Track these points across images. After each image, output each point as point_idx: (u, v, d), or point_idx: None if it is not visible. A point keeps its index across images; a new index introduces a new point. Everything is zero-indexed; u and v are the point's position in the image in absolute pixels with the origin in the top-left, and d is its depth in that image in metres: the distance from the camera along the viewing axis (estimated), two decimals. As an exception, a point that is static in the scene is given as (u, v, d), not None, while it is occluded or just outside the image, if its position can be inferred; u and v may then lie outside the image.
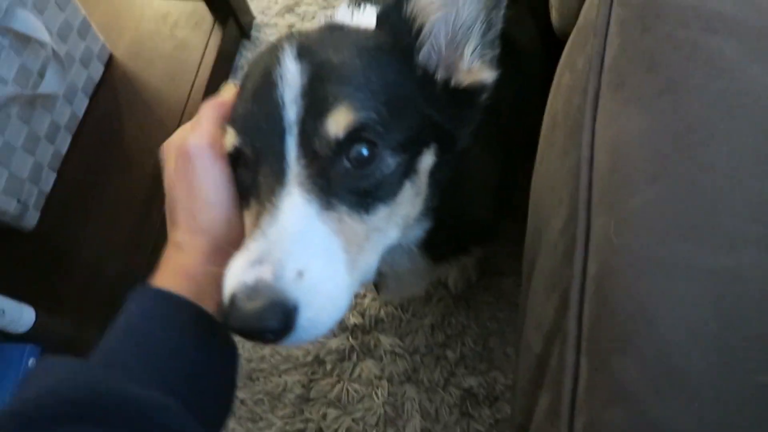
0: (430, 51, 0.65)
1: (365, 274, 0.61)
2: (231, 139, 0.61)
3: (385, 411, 1.25)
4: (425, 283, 1.09)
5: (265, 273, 0.51)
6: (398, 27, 0.65)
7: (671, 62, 0.57)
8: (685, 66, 0.57)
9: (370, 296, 1.35)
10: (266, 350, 1.33)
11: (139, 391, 0.51)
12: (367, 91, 0.59)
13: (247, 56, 1.71)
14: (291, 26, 1.73)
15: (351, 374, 1.29)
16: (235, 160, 0.62)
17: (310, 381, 1.29)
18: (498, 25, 0.66)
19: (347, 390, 1.27)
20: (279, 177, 0.56)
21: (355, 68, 0.60)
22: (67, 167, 1.49)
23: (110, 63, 1.60)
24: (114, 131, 1.53)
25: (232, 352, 0.61)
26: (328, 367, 1.30)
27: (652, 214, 0.53)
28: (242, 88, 0.65)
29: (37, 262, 1.41)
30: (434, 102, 0.65)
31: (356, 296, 1.35)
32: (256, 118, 0.59)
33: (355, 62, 0.60)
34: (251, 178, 0.60)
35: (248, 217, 0.60)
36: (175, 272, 0.59)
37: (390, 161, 0.59)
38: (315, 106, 0.57)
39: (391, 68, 0.63)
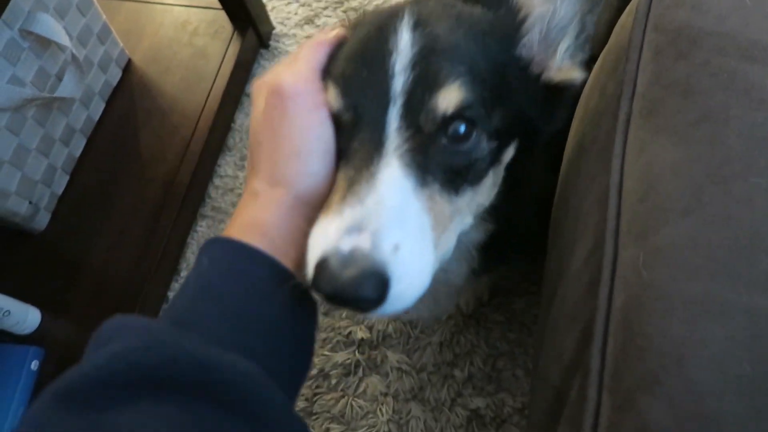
0: (528, 44, 0.66)
1: (444, 255, 0.61)
2: (332, 98, 0.58)
3: (389, 429, 1.22)
4: (458, 299, 1.05)
5: (363, 242, 0.49)
6: (506, 14, 0.65)
7: (708, 91, 0.56)
8: (722, 95, 0.55)
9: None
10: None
11: (219, 356, 0.46)
12: (477, 73, 0.59)
13: (264, 65, 1.71)
14: (310, 37, 1.73)
15: (356, 389, 1.26)
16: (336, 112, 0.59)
17: (314, 395, 1.27)
18: (590, 29, 0.67)
19: (351, 405, 1.25)
20: (378, 146, 0.55)
21: (468, 48, 0.60)
22: (80, 170, 1.48)
23: (128, 68, 1.60)
24: (129, 136, 1.52)
25: (311, 312, 0.56)
26: (333, 381, 1.27)
27: (685, 248, 0.50)
28: (348, 44, 0.62)
29: (45, 265, 1.40)
30: (528, 95, 0.65)
31: (365, 313, 1.33)
32: (362, 82, 0.58)
33: (468, 42, 0.61)
34: (345, 142, 0.58)
35: (339, 179, 0.57)
36: (248, 224, 0.55)
37: (484, 145, 0.60)
38: (426, 79, 0.56)
39: (498, 55, 0.63)
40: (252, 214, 0.55)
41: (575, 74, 0.66)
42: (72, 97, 1.37)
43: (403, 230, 0.52)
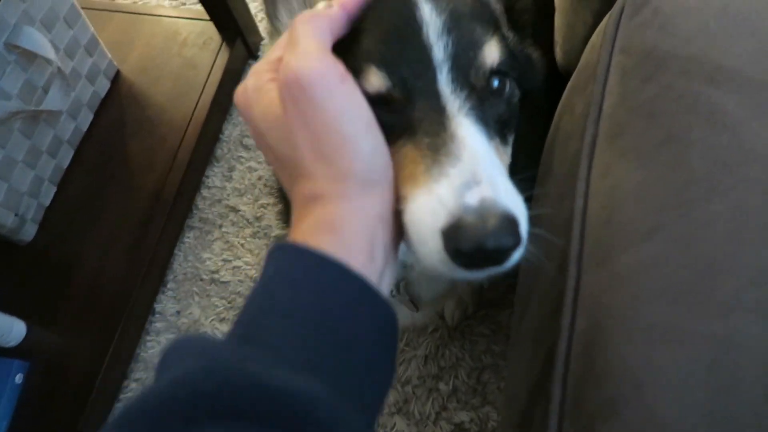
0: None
1: None
2: (378, 80, 0.58)
3: (374, 443, 1.22)
4: (443, 300, 1.05)
5: (486, 191, 0.49)
6: None
7: (672, 114, 0.56)
8: (686, 118, 0.55)
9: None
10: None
11: (286, 380, 0.42)
12: (498, 31, 0.64)
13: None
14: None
15: (341, 405, 1.26)
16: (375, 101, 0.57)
17: (300, 410, 1.26)
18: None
19: (337, 421, 1.24)
20: (442, 111, 0.55)
21: (483, 11, 0.65)
22: (67, 181, 1.48)
23: (117, 79, 1.61)
24: (117, 147, 1.52)
25: (391, 320, 0.50)
26: (319, 396, 1.27)
27: (645, 273, 0.50)
28: (369, 23, 0.61)
29: (32, 276, 1.40)
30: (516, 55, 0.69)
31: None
32: (402, 57, 0.58)
33: (479, 6, 0.65)
34: (399, 117, 0.57)
35: (407, 153, 0.55)
36: (315, 225, 0.50)
37: (516, 92, 0.64)
38: (465, 41, 0.58)
39: (494, 15, 0.69)
40: (319, 217, 0.50)
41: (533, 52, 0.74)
42: (59, 110, 1.38)
43: (502, 176, 0.53)
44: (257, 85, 0.53)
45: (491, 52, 0.59)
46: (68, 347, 1.34)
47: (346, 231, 0.49)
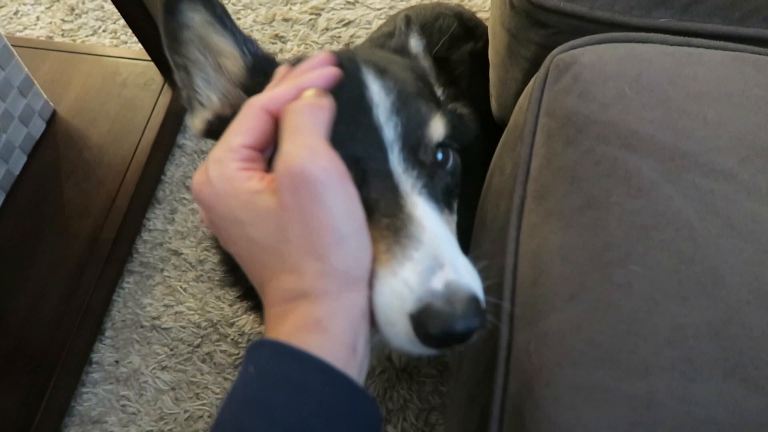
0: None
1: None
2: None
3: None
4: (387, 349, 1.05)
5: (450, 274, 0.50)
6: (412, 58, 0.75)
7: (591, 178, 0.59)
8: (604, 183, 0.58)
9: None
10: (199, 423, 1.27)
11: None
12: (437, 103, 0.67)
13: (197, 116, 1.69)
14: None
15: (287, 453, 1.24)
16: None
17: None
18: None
19: (283, 470, 1.22)
20: (396, 191, 0.56)
21: (421, 86, 0.67)
22: (-2, 227, 1.42)
23: (53, 120, 1.56)
24: (52, 191, 1.47)
25: (375, 417, 0.50)
26: (264, 445, 1.24)
27: (569, 334, 0.53)
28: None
29: (-43, 328, 1.32)
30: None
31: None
32: (355, 139, 0.58)
33: (417, 81, 0.67)
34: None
35: (371, 231, 0.54)
36: (302, 327, 0.48)
37: (457, 160, 0.66)
38: (414, 120, 0.60)
39: (431, 88, 0.72)
40: (305, 314, 0.49)
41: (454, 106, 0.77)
42: (-12, 154, 1.33)
43: (459, 253, 0.54)
44: (225, 175, 0.52)
45: (437, 128, 0.61)
46: (-3, 401, 1.27)
47: (333, 329, 0.48)
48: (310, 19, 1.81)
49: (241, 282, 0.79)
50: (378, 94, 0.60)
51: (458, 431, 0.61)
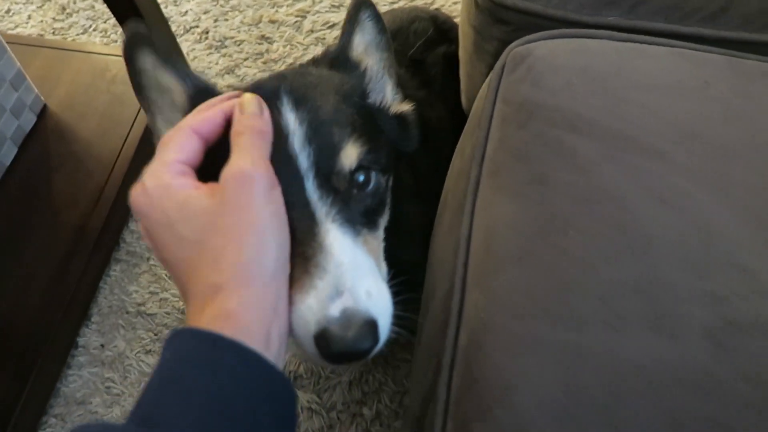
0: (373, 89, 0.78)
1: (385, 278, 0.69)
2: None
3: (299, 470, 1.25)
4: None
5: (348, 301, 0.57)
6: (352, 69, 0.77)
7: (539, 157, 0.65)
8: (551, 161, 0.64)
9: (289, 353, 1.36)
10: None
11: None
12: (357, 126, 0.68)
13: (184, 113, 1.74)
14: (230, 86, 1.79)
15: None
16: None
17: (225, 440, 1.28)
18: (394, 76, 0.80)
19: (262, 449, 1.26)
20: (311, 219, 0.62)
21: (340, 108, 0.69)
22: (-13, 216, 1.46)
23: (43, 113, 1.61)
24: (41, 181, 1.52)
25: (288, 393, 0.53)
26: (244, 426, 1.29)
27: (514, 293, 0.59)
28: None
29: (-54, 313, 1.36)
30: (389, 128, 0.77)
31: (276, 354, 1.36)
32: (277, 169, 0.62)
33: (338, 104, 0.69)
34: None
35: (295, 256, 0.61)
36: (215, 317, 0.52)
37: (381, 181, 0.69)
38: (326, 148, 0.64)
39: (362, 106, 0.73)
40: (219, 304, 0.52)
41: (405, 107, 0.81)
42: (-20, 143, 1.37)
43: (365, 277, 0.60)
44: (161, 183, 0.57)
45: (349, 156, 0.65)
46: (-17, 384, 1.31)
47: (244, 320, 0.52)
48: (296, 21, 1.87)
49: None
50: (293, 123, 0.64)
51: (417, 387, 0.67)
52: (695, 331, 0.55)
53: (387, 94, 0.79)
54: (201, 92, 0.72)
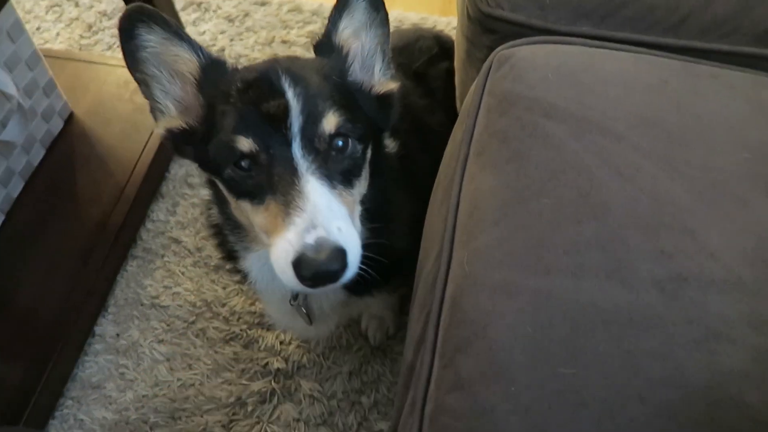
0: (354, 71, 0.89)
1: (358, 231, 0.81)
2: (248, 145, 0.76)
3: (300, 453, 1.32)
4: (342, 319, 1.21)
5: (321, 232, 0.70)
6: (335, 54, 0.88)
7: (518, 138, 0.76)
8: (527, 141, 0.75)
9: (294, 343, 1.45)
10: (190, 391, 1.39)
11: None
12: (337, 100, 0.80)
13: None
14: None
15: (270, 416, 1.36)
16: (245, 160, 0.77)
17: (231, 422, 1.36)
18: (389, 55, 0.91)
19: (266, 431, 1.34)
20: (294, 172, 0.75)
21: (324, 86, 0.81)
22: (16, 210, 1.57)
23: (70, 119, 1.73)
24: (66, 181, 1.63)
25: None
26: (249, 408, 1.37)
27: (493, 249, 0.69)
28: (242, 103, 0.79)
29: (-29, 299, 1.46)
30: (369, 106, 0.88)
31: (281, 342, 1.45)
32: (269, 131, 0.76)
33: (323, 82, 0.81)
34: (263, 175, 0.76)
35: (271, 208, 0.75)
36: None
37: (358, 147, 0.81)
38: (312, 117, 0.77)
39: (341, 85, 0.85)
40: None
41: (392, 85, 0.91)
42: (14, 142, 1.48)
43: (337, 218, 0.73)
44: None
45: (329, 123, 0.77)
46: (4, 364, 1.39)
47: None
48: (306, 42, 2.00)
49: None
50: (292, 99, 0.77)
51: (411, 336, 0.76)
52: (646, 280, 0.65)
53: (375, 71, 0.90)
54: (213, 63, 0.85)
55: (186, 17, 2.12)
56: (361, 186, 0.85)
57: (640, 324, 0.63)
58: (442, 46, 1.45)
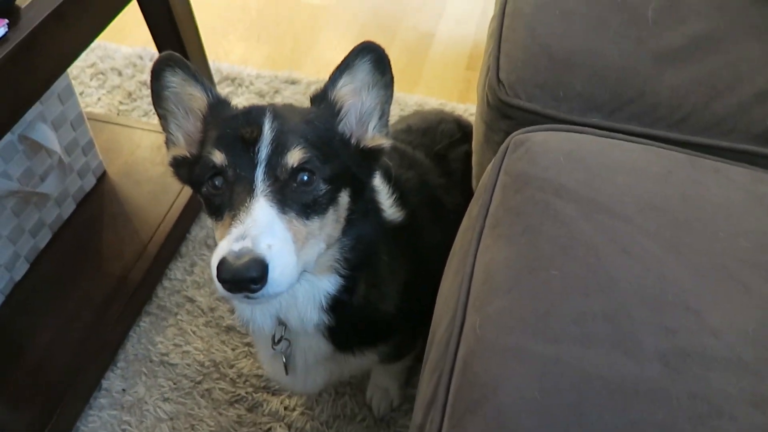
0: (346, 123, 0.96)
1: (306, 264, 0.86)
2: (220, 158, 0.84)
3: None
4: (329, 376, 1.18)
5: (247, 243, 0.75)
6: (326, 106, 0.95)
7: (530, 214, 0.81)
8: (539, 217, 0.80)
9: (299, 410, 1.45)
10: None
11: None
12: (310, 141, 0.87)
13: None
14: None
15: (269, 485, 1.34)
16: (218, 177, 0.84)
17: (229, 487, 1.34)
18: (387, 113, 0.97)
19: (263, 500, 1.32)
20: (251, 191, 0.81)
21: (302, 128, 0.88)
22: (41, 261, 1.62)
23: (103, 178, 1.82)
24: (92, 237, 1.69)
25: None
26: (249, 475, 1.35)
27: (505, 314, 0.72)
28: (227, 124, 0.88)
29: (-13, 345, 1.48)
30: (350, 157, 0.94)
31: (285, 408, 1.45)
32: (240, 152, 0.84)
33: (301, 124, 0.89)
34: (228, 192, 0.83)
35: (225, 222, 0.80)
36: None
37: (322, 186, 0.86)
38: (279, 148, 0.84)
39: (323, 131, 0.92)
40: None
41: (383, 141, 0.96)
42: (49, 194, 1.56)
43: (272, 237, 0.77)
44: None
45: (293, 156, 0.84)
46: (11, 416, 1.40)
47: None
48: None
49: None
50: (266, 130, 0.85)
51: (421, 398, 0.78)
52: (650, 353, 0.68)
53: (370, 127, 0.96)
54: (219, 102, 0.95)
55: (220, 90, 2.25)
56: (327, 226, 0.88)
57: (645, 395, 0.65)
58: (462, 130, 1.54)
